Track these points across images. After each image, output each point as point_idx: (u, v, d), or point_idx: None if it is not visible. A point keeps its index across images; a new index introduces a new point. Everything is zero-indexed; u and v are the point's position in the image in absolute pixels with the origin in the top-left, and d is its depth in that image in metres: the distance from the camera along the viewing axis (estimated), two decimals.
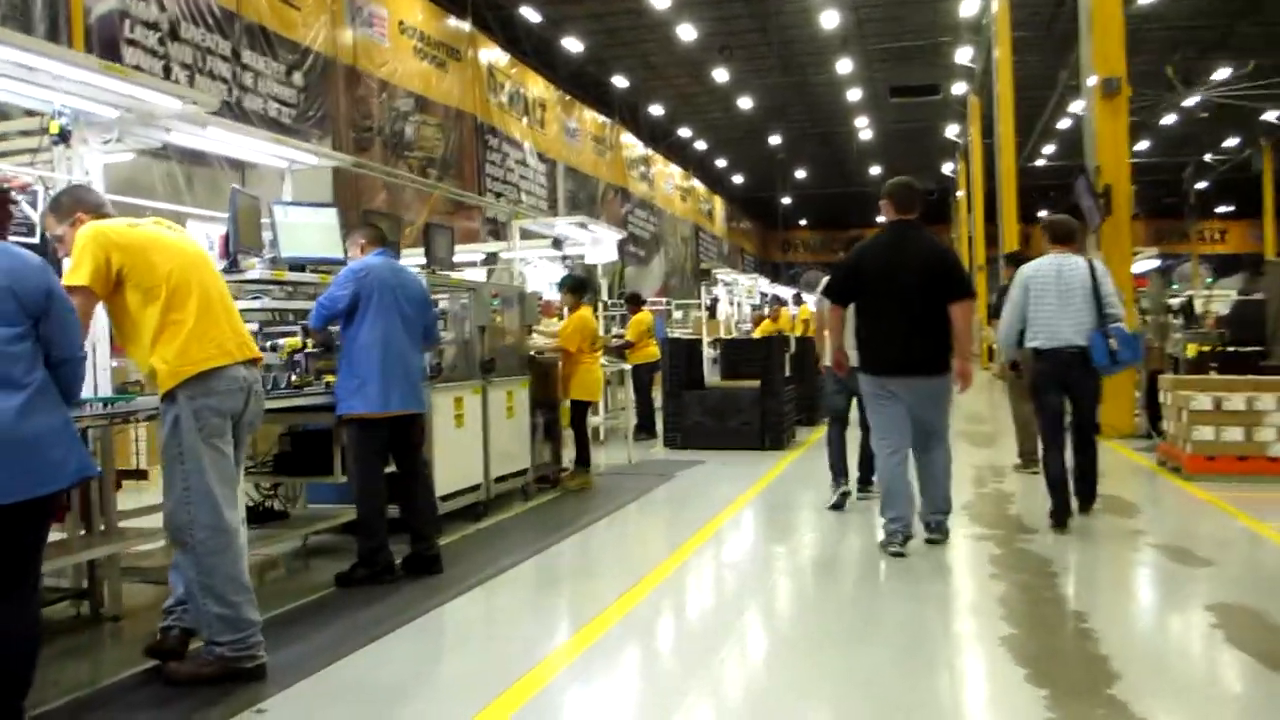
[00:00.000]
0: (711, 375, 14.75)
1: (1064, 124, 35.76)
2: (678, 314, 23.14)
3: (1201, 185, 42.16)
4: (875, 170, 45.02)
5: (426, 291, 6.36)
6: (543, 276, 11.27)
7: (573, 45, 28.51)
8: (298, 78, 17.28)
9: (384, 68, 20.06)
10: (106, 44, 12.43)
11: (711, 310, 17.78)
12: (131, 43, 13.13)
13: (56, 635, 4.88)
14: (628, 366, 11.65)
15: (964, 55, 29.57)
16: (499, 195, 24.22)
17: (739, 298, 20.49)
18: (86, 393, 4.37)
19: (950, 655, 4.66)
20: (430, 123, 22.57)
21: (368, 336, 5.84)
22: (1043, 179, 36.70)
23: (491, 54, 25.16)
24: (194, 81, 14.27)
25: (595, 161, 32.24)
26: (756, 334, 16.31)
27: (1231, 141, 37.77)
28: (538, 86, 27.95)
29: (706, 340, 15.31)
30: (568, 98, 30.18)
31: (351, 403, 5.81)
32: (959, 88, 32.27)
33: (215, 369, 4.09)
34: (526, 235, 10.84)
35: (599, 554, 7.10)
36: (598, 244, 10.82)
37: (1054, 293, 6.86)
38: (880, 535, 6.51)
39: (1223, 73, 28.62)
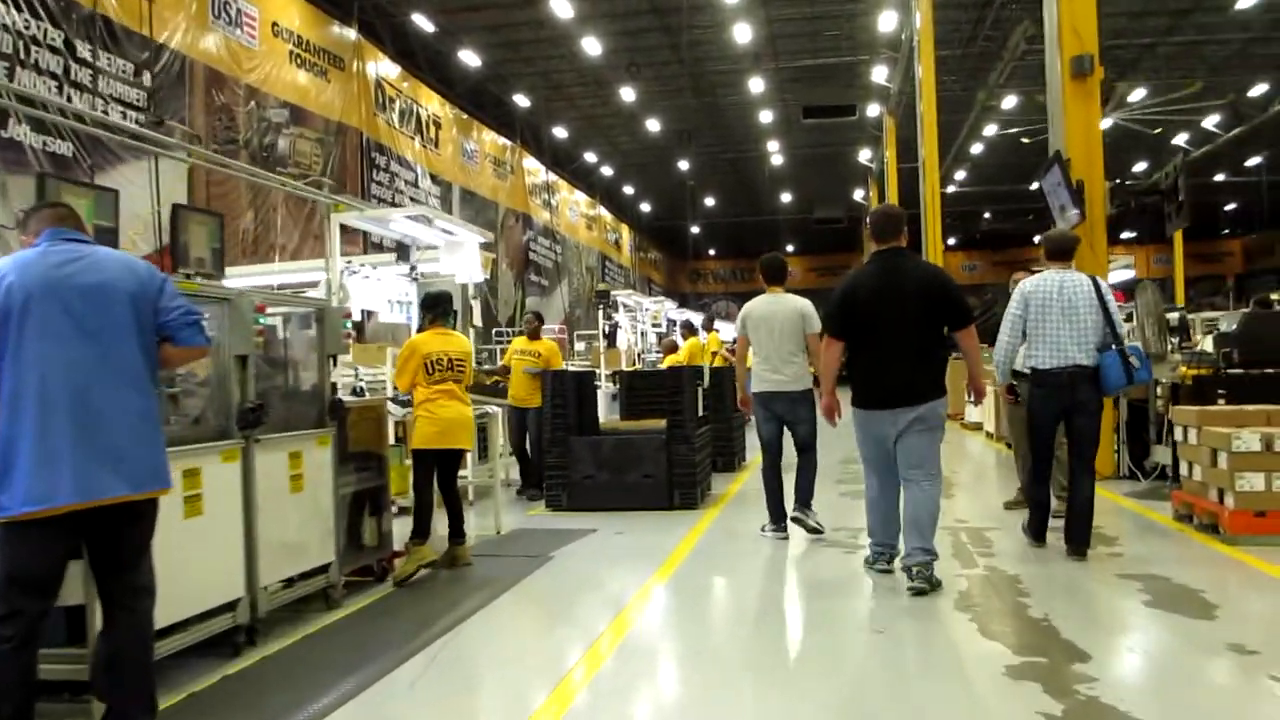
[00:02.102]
0: (611, 414, 12.15)
1: (977, 149, 34.19)
2: (580, 345, 20.44)
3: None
4: (786, 198, 43.12)
5: (146, 273, 3.67)
6: (384, 293, 8.47)
7: (470, 59, 25.86)
8: (147, 78, 14.58)
9: (253, 73, 17.49)
10: None
11: (610, 338, 15.12)
12: None
13: None
14: (495, 410, 8.90)
15: (880, 74, 27.73)
16: None
17: (644, 324, 17.86)
18: None
19: None
20: (308, 136, 19.83)
21: (10, 382, 3.32)
22: (955, 205, 35.05)
23: (380, 66, 22.53)
24: (12, 76, 11.42)
25: (495, 185, 29.54)
26: (665, 364, 13.74)
27: (1140, 166, 36.54)
28: (432, 103, 25.27)
29: (605, 373, 12.66)
30: (465, 116, 27.50)
31: None
32: (873, 109, 30.34)
33: None
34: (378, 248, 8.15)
35: None
36: (456, 250, 8.11)
37: (1057, 309, 6.44)
38: (869, 554, 6.35)
39: (1138, 94, 27.13)
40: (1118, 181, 33.03)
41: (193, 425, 4.86)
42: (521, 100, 30.09)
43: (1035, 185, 10.96)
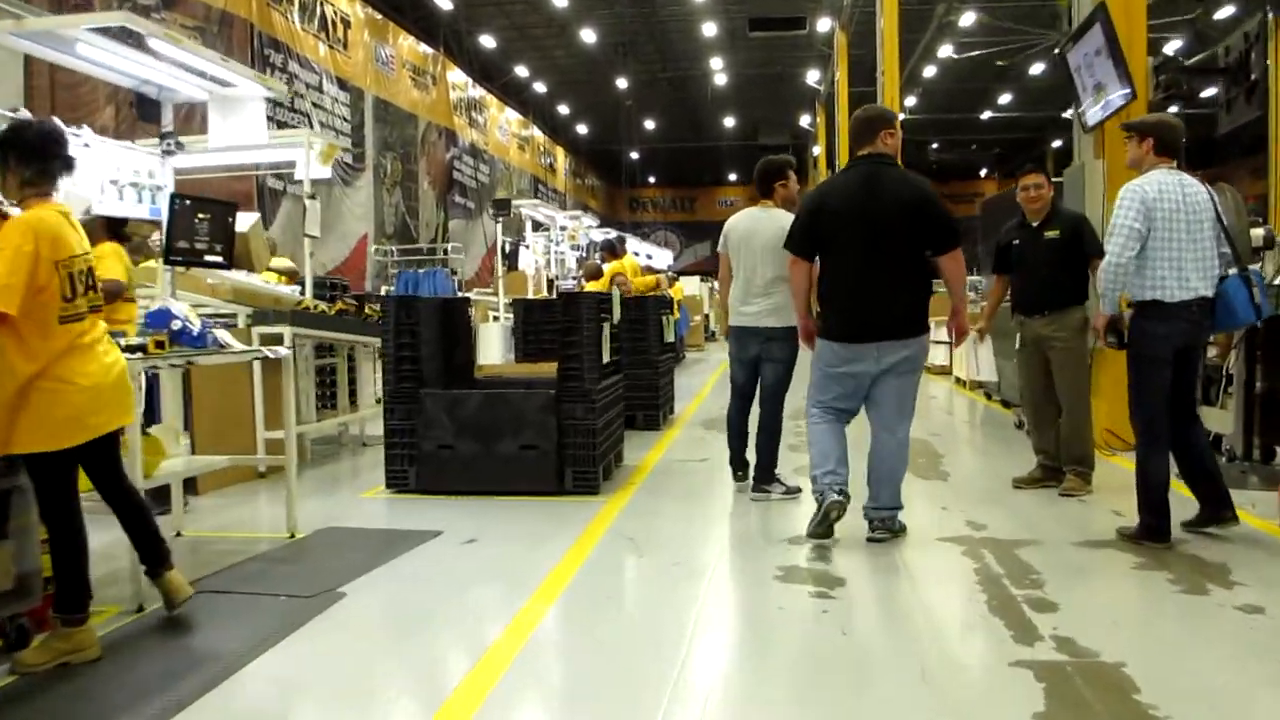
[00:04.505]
0: (506, 357, 9.38)
1: (929, 72, 31.39)
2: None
3: (1057, 144, 38.81)
4: (729, 122, 40.02)
5: None
6: (99, 171, 5.32)
7: None
8: None
9: None
10: None
11: (511, 259, 12.20)
12: None
13: None
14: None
15: None
16: (282, 125, 18.13)
17: (559, 245, 14.86)
18: None
19: None
20: (184, 24, 16.48)
21: None
22: (904, 134, 32.29)
23: None
24: None
25: (415, 98, 26.09)
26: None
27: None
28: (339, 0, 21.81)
29: (503, 302, 9.82)
30: (379, 18, 24.01)
31: None
32: (824, 24, 27.32)
33: None
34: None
35: None
36: (232, 109, 5.15)
37: (1183, 223, 4.75)
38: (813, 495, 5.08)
39: None
40: (1062, 114, 30.40)
41: None
42: (443, 1, 26.59)
43: (1057, 52, 8.14)
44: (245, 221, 7.45)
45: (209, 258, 5.30)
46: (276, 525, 5.45)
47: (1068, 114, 34.22)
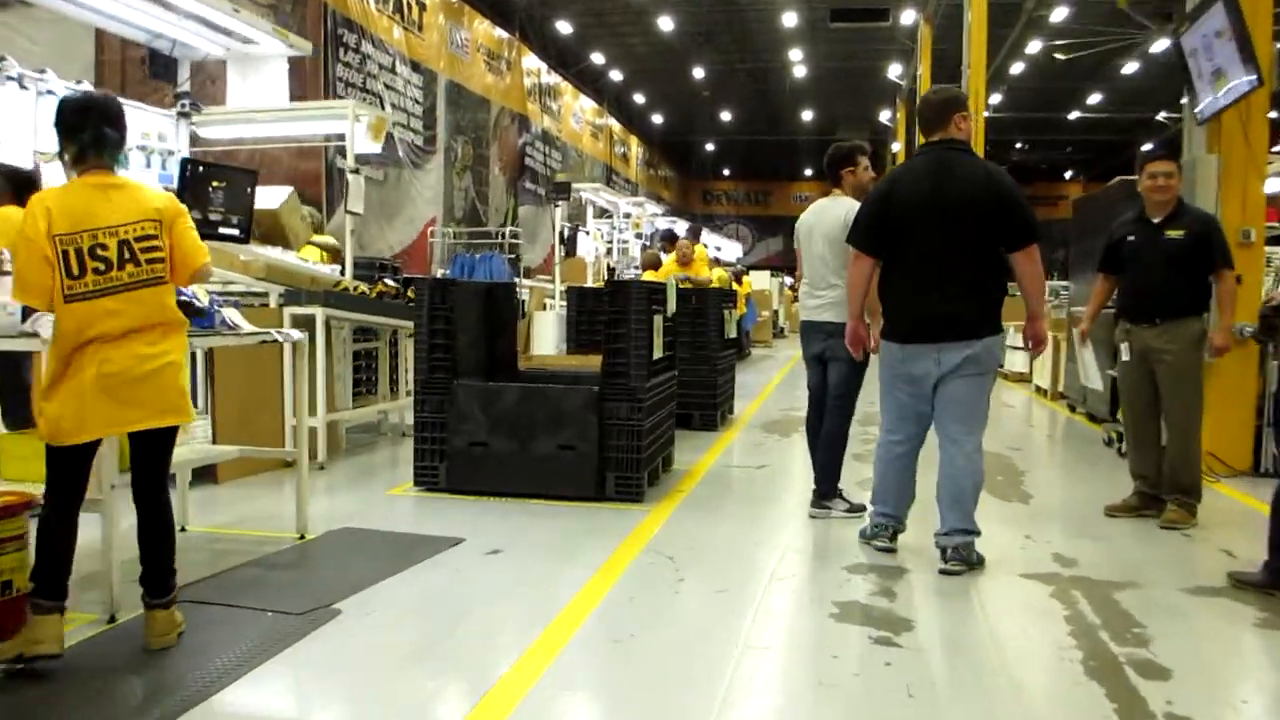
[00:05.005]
0: (559, 347, 8.88)
1: (1016, 68, 30.17)
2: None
3: (1148, 147, 37.10)
4: (807, 116, 39.01)
5: None
6: None
7: None
8: None
9: None
10: None
11: (569, 245, 11.65)
12: None
13: None
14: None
15: None
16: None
17: (622, 233, 14.25)
18: None
19: None
20: (256, 1, 16.25)
21: None
22: (988, 133, 31.04)
23: None
24: None
25: (489, 83, 25.70)
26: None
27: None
28: None
29: (559, 289, 9.30)
30: (455, 1, 23.67)
31: None
32: (908, 16, 26.32)
33: None
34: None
35: None
36: (252, 68, 4.64)
37: None
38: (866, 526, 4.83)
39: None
40: (1156, 117, 28.84)
41: None
42: None
43: (1167, 44, 7.35)
44: (279, 196, 7.01)
45: (224, 230, 4.84)
46: (290, 523, 4.97)
47: (1161, 116, 33.09)
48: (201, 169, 4.61)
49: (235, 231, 4.87)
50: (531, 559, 4.55)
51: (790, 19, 27.72)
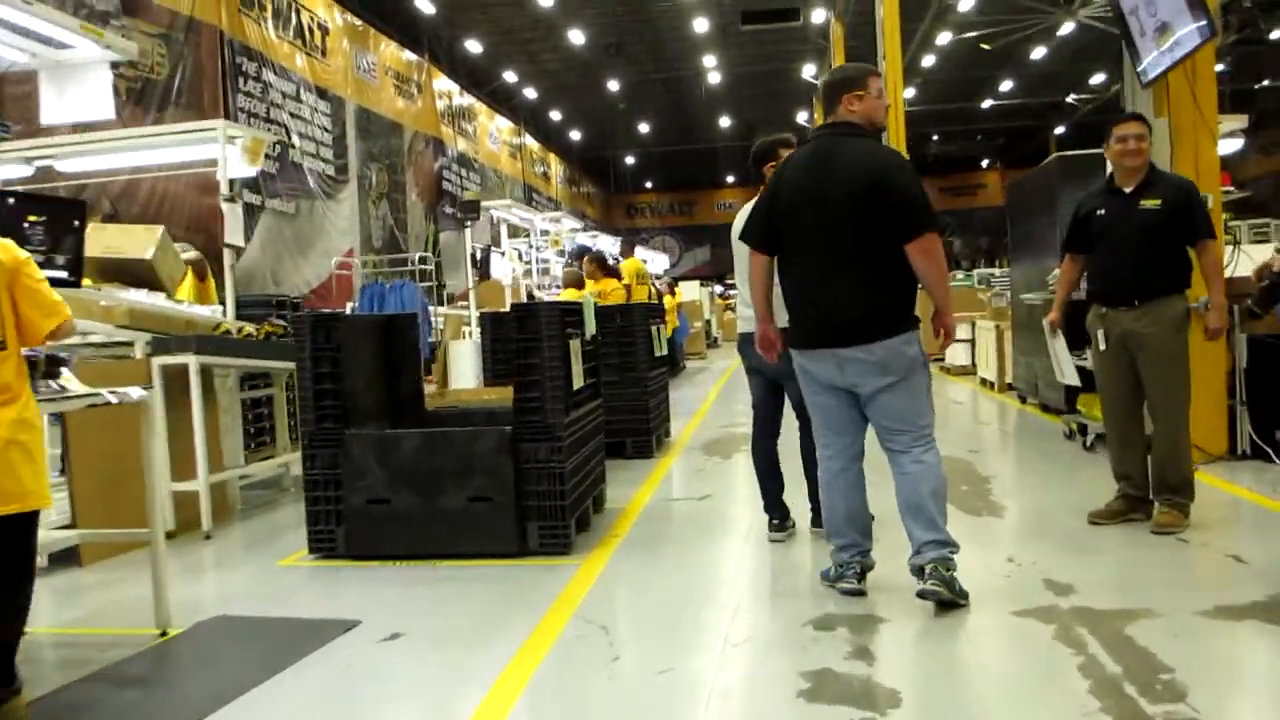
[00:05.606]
0: (479, 379, 8.12)
1: (928, 60, 30.06)
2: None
3: (1060, 130, 37.51)
4: (725, 122, 38.62)
5: None
6: None
7: None
8: None
9: None
10: None
11: (482, 268, 10.86)
12: None
13: None
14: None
15: None
16: None
17: (542, 250, 13.48)
18: None
19: None
20: (146, 31, 15.22)
21: None
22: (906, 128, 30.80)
23: None
24: None
25: (400, 107, 24.75)
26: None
27: (1098, 78, 32.46)
28: (316, 6, 20.51)
29: (474, 315, 8.53)
30: (359, 25, 22.73)
31: None
32: (819, 15, 26.02)
33: None
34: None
35: None
36: (68, 78, 3.84)
37: None
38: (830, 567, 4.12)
39: None
40: (1066, 99, 28.92)
41: None
42: (425, 6, 25.36)
43: (1073, 26, 6.82)
44: (148, 243, 6.15)
45: (47, 272, 3.98)
46: (141, 616, 4.12)
47: (1070, 98, 33.18)
48: (11, 201, 3.78)
49: (63, 274, 4.05)
50: (437, 644, 3.76)
51: (701, 24, 27.27)
